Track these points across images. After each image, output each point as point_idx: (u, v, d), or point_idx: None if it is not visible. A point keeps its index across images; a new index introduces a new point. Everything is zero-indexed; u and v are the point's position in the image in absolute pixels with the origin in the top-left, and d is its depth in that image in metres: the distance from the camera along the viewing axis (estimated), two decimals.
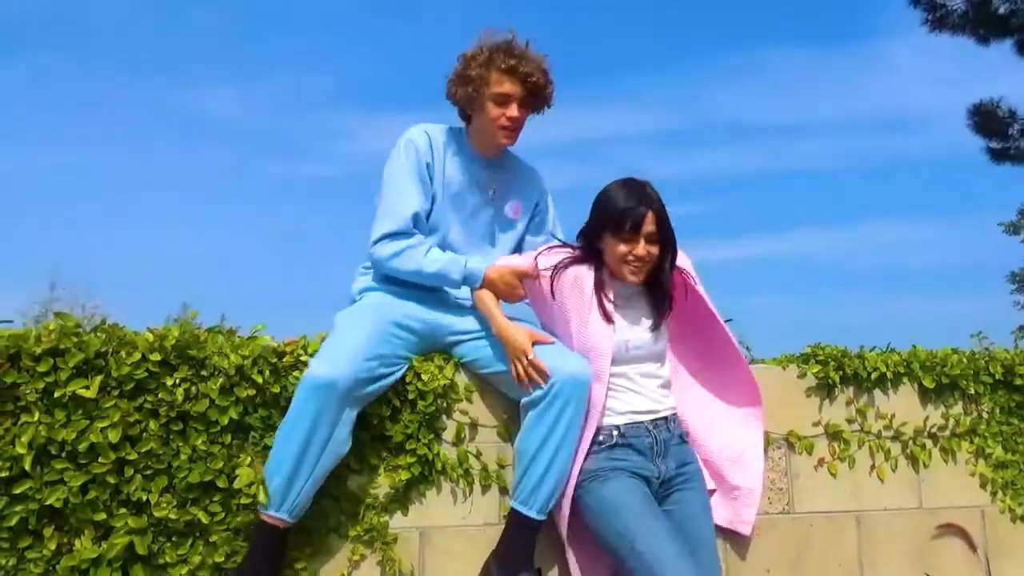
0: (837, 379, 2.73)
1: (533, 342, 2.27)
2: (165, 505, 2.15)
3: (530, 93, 2.42)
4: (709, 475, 2.44)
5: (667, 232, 2.31)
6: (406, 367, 2.33)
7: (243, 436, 2.24)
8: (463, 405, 2.43)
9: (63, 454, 2.10)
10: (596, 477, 2.23)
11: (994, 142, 11.67)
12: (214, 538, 2.17)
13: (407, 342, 2.33)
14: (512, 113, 2.41)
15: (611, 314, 2.30)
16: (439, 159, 2.45)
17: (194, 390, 2.21)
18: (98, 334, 2.18)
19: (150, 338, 2.21)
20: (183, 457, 2.18)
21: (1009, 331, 3.21)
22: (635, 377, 2.32)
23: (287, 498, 2.11)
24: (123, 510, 2.13)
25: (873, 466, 2.73)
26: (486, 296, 2.38)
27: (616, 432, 2.27)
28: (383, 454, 2.34)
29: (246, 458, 2.22)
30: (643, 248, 2.28)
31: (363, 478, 2.32)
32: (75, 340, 2.15)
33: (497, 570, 2.24)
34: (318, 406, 2.09)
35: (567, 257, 2.37)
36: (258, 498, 2.17)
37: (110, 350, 2.17)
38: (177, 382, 2.20)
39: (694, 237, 2.43)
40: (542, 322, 2.45)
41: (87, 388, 2.12)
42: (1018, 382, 2.90)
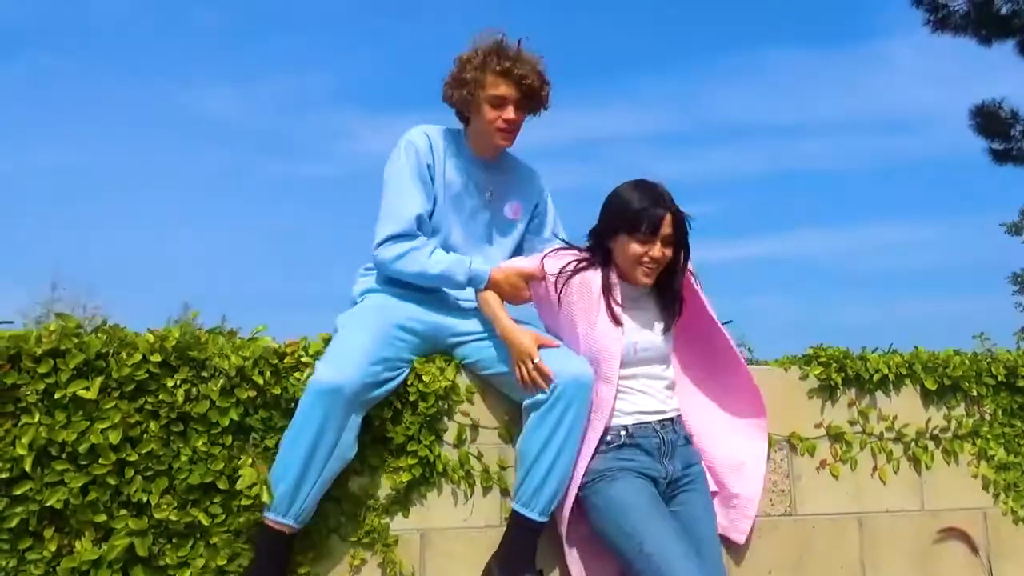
0: (839, 381, 2.72)
1: (538, 345, 2.25)
2: (166, 506, 2.14)
3: (525, 95, 2.40)
4: (711, 479, 2.43)
5: (683, 234, 2.32)
6: (408, 370, 2.33)
7: (244, 437, 2.24)
8: (464, 407, 2.42)
9: (63, 455, 2.09)
10: (604, 477, 2.22)
11: (996, 143, 11.64)
12: (215, 540, 2.16)
13: (410, 344, 2.32)
14: (508, 115, 2.40)
15: (619, 316, 2.29)
16: (439, 160, 2.44)
17: (195, 391, 2.21)
18: (99, 335, 2.18)
19: (151, 339, 2.21)
20: (184, 458, 2.17)
21: (1011, 332, 3.32)
22: (642, 379, 2.32)
23: (294, 504, 2.11)
24: (123, 511, 2.12)
25: (875, 468, 2.72)
26: (491, 298, 2.37)
27: (624, 432, 2.26)
28: (384, 456, 2.33)
29: (247, 459, 2.21)
30: (659, 250, 2.29)
31: (364, 480, 2.31)
32: (76, 341, 2.14)
33: (498, 572, 2.24)
34: (325, 411, 2.09)
35: (573, 260, 2.35)
36: (261, 499, 2.16)
37: (111, 351, 2.16)
38: (178, 383, 2.20)
39: (694, 237, 2.45)
40: (546, 325, 2.44)
41: (88, 389, 2.11)
42: (1020, 384, 2.89)
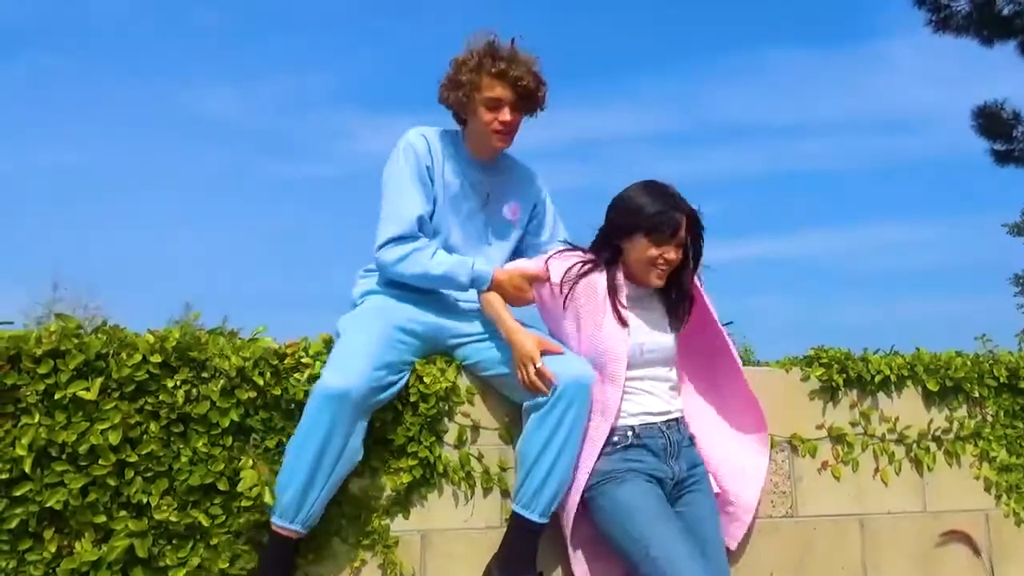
0: (840, 382, 2.72)
1: (542, 351, 2.23)
2: (166, 508, 2.14)
3: (521, 97, 2.39)
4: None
5: (697, 236, 2.33)
6: (409, 372, 2.32)
7: (244, 438, 2.23)
8: (465, 408, 2.42)
9: (63, 456, 2.09)
10: (611, 479, 2.21)
11: (998, 144, 11.62)
12: (215, 541, 2.16)
13: (411, 347, 2.32)
14: (504, 117, 2.39)
15: (625, 317, 2.29)
16: (438, 162, 2.44)
17: (195, 392, 2.20)
18: (99, 336, 2.17)
19: (151, 340, 2.20)
20: (184, 459, 2.17)
21: (1013, 334, 3.24)
22: (648, 380, 2.31)
23: (301, 510, 2.11)
24: (123, 512, 2.12)
25: (877, 469, 2.71)
26: (494, 299, 2.35)
27: (631, 433, 2.25)
28: (385, 457, 2.32)
29: (248, 460, 2.21)
30: (674, 252, 2.29)
31: (365, 481, 2.30)
32: (76, 342, 2.14)
33: (499, 573, 2.23)
34: (332, 417, 2.08)
35: (578, 261, 2.34)
36: (262, 500, 2.16)
37: (111, 352, 2.16)
38: (178, 384, 2.19)
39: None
40: (549, 327, 2.42)
41: (87, 390, 2.11)
42: (1022, 385, 2.88)
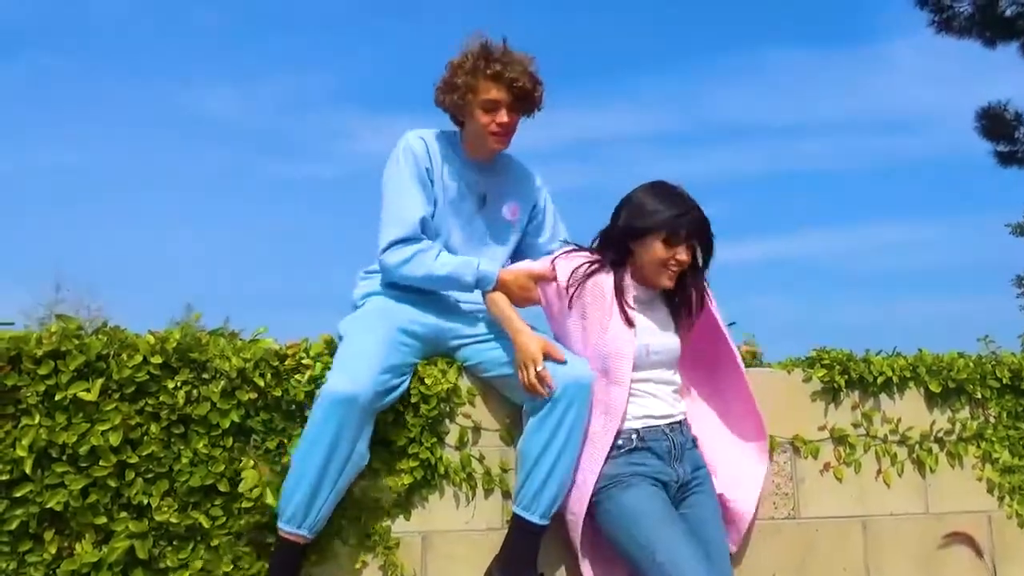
0: (843, 383, 2.71)
1: (544, 354, 2.22)
2: (166, 509, 2.14)
3: (517, 98, 2.38)
4: None
5: (707, 237, 2.33)
6: (412, 374, 2.32)
7: (244, 439, 2.23)
8: (466, 409, 2.41)
9: (64, 457, 2.09)
10: (618, 483, 2.20)
11: (1001, 146, 11.58)
12: (215, 542, 2.16)
13: (413, 349, 2.31)
14: (502, 119, 2.38)
15: (632, 318, 2.28)
16: (436, 164, 2.44)
17: (195, 393, 2.20)
18: (99, 336, 2.17)
19: (151, 341, 2.20)
20: (184, 460, 2.17)
21: (1015, 335, 3.21)
22: (653, 382, 2.31)
23: (309, 515, 2.10)
24: (124, 514, 2.12)
25: (879, 471, 2.70)
26: (499, 299, 2.34)
27: (635, 436, 2.25)
28: (386, 458, 2.32)
29: (248, 461, 2.21)
30: (686, 253, 2.29)
31: (366, 482, 2.29)
32: (76, 343, 2.14)
33: (500, 575, 2.23)
34: (339, 421, 2.07)
35: (585, 261, 2.33)
36: (263, 501, 2.16)
37: (111, 352, 2.16)
38: (178, 385, 2.19)
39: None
40: (553, 328, 2.41)
41: (88, 391, 2.11)
42: None
